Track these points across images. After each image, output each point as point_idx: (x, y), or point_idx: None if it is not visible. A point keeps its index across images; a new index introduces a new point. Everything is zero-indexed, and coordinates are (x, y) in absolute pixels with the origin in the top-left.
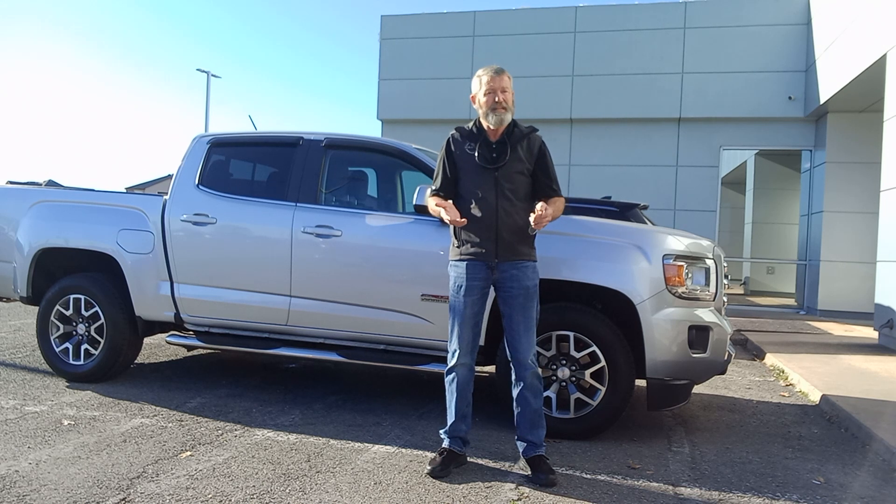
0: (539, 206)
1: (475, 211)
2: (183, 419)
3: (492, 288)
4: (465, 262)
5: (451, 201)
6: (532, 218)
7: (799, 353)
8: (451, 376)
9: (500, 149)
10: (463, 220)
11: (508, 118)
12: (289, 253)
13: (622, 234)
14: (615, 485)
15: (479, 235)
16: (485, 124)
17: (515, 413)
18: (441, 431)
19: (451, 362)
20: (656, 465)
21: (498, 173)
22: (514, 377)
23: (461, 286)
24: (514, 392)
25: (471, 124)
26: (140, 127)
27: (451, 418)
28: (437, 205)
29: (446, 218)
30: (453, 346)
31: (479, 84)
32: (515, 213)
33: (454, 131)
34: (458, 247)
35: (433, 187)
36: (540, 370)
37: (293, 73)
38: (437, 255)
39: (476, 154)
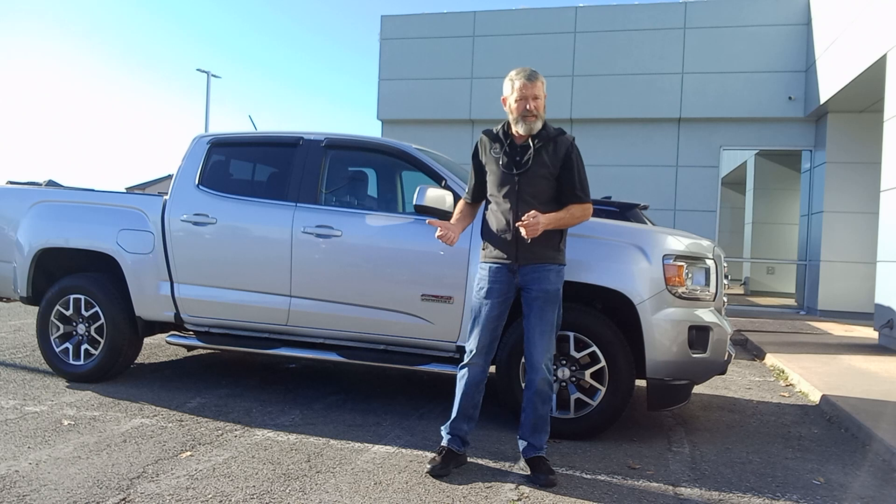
0: (528, 214)
1: (497, 214)
2: (183, 419)
3: None
4: (488, 265)
5: (454, 224)
6: (519, 227)
7: (799, 354)
8: (462, 372)
9: (524, 153)
10: (452, 242)
11: (538, 126)
12: (289, 253)
13: (622, 234)
14: (615, 485)
15: (501, 240)
16: (513, 130)
17: (521, 415)
18: (442, 427)
19: (466, 359)
20: (656, 465)
21: (519, 178)
22: (525, 379)
23: (483, 288)
24: (524, 395)
25: (498, 128)
26: (140, 127)
27: (454, 414)
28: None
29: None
30: (470, 345)
31: (510, 88)
32: None
33: (482, 135)
34: (484, 249)
35: (465, 197)
36: (553, 378)
37: (293, 73)
38: (437, 256)
39: (500, 158)
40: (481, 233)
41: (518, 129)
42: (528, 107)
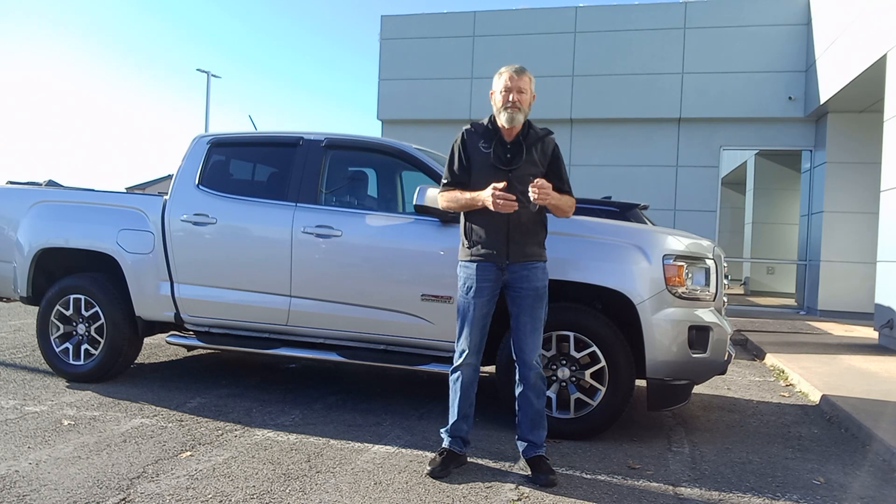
0: (538, 180)
1: (486, 212)
2: (183, 419)
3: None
4: (475, 264)
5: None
6: (531, 190)
7: (799, 354)
8: (455, 375)
9: (516, 150)
10: (514, 204)
11: (521, 119)
12: (289, 253)
13: (622, 234)
14: (615, 485)
15: (490, 237)
16: (499, 122)
17: (517, 413)
18: (442, 431)
19: (458, 361)
20: (656, 465)
21: (512, 175)
22: (517, 377)
23: (471, 287)
24: (517, 392)
25: (486, 120)
26: (140, 127)
27: (452, 417)
28: (473, 197)
29: (489, 203)
30: (461, 346)
31: (498, 81)
32: (526, 215)
33: (468, 126)
34: (468, 247)
35: (444, 180)
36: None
37: (293, 73)
38: (437, 255)
39: (491, 153)
40: (464, 230)
41: (501, 121)
42: (510, 98)
